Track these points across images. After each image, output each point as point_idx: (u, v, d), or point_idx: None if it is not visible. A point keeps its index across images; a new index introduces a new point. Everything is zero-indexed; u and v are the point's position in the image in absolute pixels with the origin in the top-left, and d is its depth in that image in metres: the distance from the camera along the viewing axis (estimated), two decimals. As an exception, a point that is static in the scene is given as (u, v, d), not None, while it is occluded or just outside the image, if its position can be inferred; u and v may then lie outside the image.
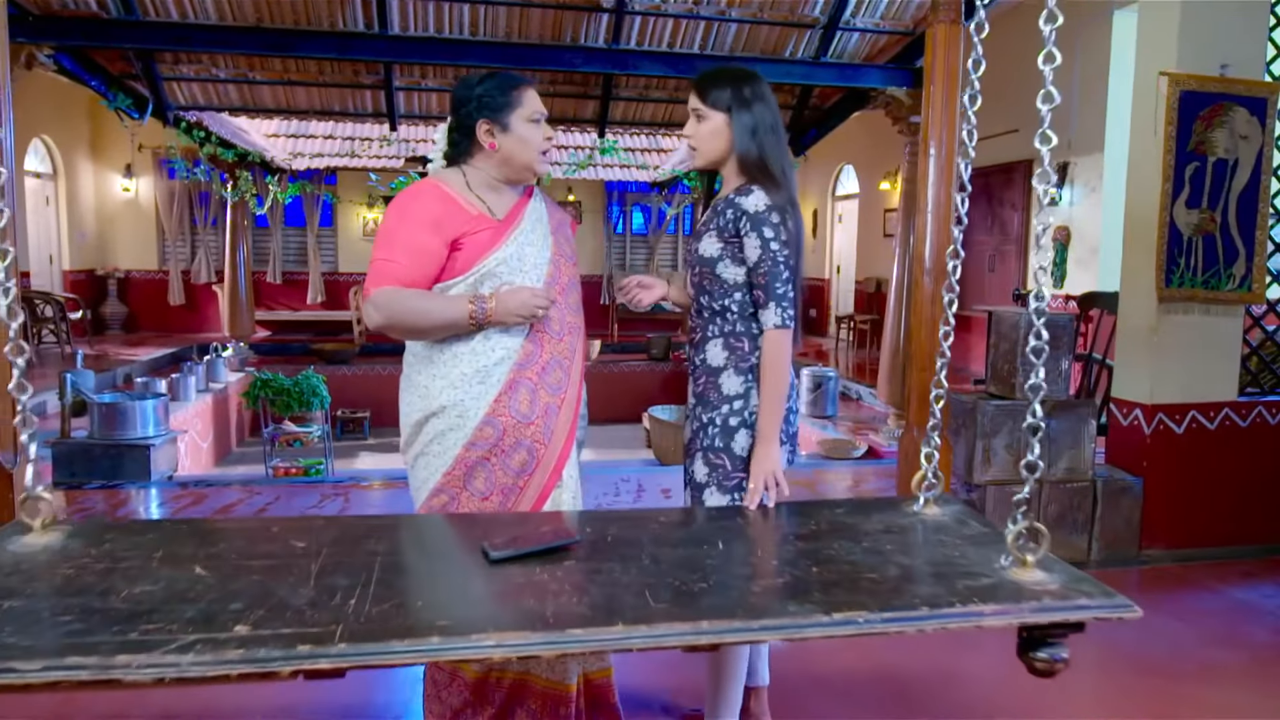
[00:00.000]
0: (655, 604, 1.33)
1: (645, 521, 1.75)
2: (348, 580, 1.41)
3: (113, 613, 1.27)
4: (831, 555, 1.55)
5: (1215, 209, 3.73)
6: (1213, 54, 3.69)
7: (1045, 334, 1.50)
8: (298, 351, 10.85)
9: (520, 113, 2.00)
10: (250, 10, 5.29)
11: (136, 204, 12.11)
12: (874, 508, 1.89)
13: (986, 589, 1.41)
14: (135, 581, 1.39)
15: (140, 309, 12.16)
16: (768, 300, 1.96)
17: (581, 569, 1.46)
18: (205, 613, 1.28)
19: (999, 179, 8.90)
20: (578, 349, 2.10)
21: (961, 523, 1.75)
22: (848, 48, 6.07)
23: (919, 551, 1.61)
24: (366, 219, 12.68)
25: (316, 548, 1.55)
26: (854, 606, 1.34)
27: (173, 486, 4.98)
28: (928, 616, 1.34)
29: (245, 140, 8.94)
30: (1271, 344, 4.07)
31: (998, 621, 1.35)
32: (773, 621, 1.30)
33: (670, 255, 13.65)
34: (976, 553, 1.58)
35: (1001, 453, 3.67)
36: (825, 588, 1.40)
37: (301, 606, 1.31)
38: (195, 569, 1.45)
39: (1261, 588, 3.56)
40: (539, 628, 1.25)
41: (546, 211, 2.14)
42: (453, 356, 1.98)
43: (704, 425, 2.05)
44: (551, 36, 5.73)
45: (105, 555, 1.50)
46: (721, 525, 1.75)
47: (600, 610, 1.31)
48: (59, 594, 1.34)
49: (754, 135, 2.00)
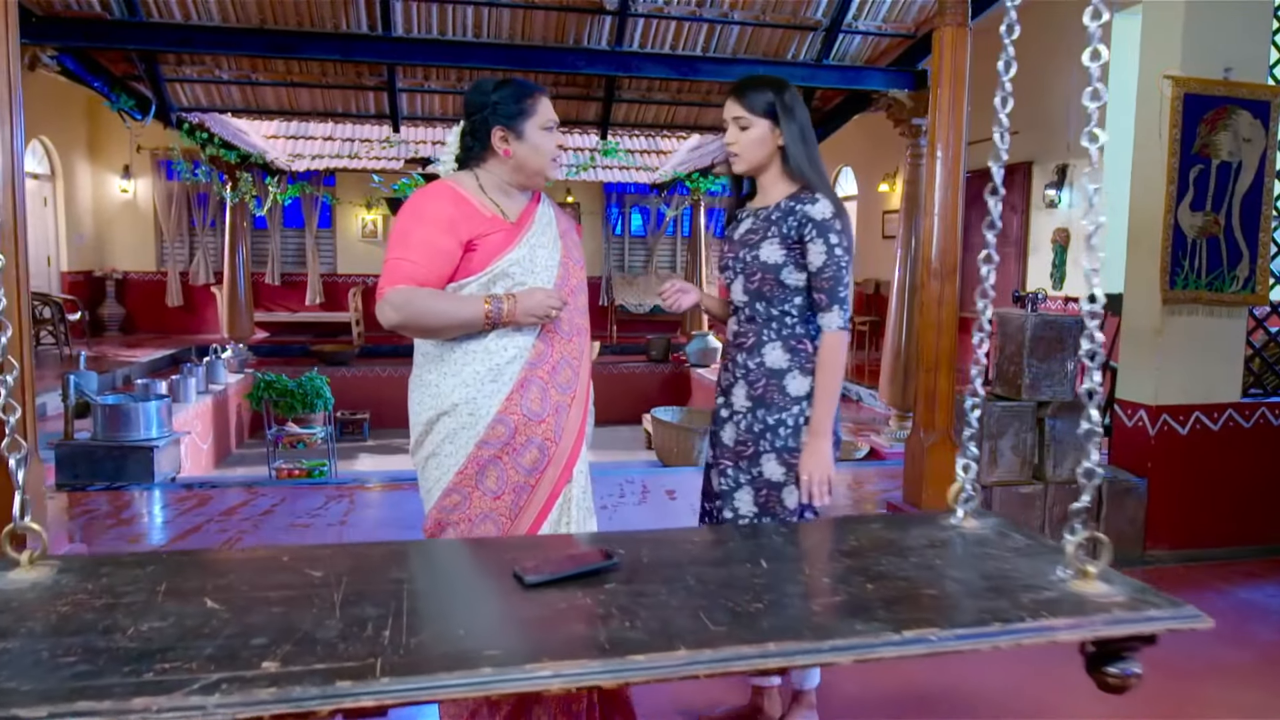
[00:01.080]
0: (714, 626, 1.27)
1: (678, 542, 1.70)
2: (376, 610, 1.32)
3: (121, 652, 1.17)
4: (883, 571, 1.51)
5: (1219, 211, 3.75)
6: (1216, 57, 3.71)
7: (1099, 336, 1.45)
8: (297, 353, 10.84)
9: (535, 121, 2.03)
10: (254, 12, 5.28)
11: (135, 205, 12.09)
12: (911, 522, 1.85)
13: (1051, 602, 1.37)
14: (141, 618, 1.27)
15: (138, 310, 12.14)
16: (831, 304, 2.04)
17: (625, 592, 1.40)
18: (225, 649, 1.18)
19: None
20: (585, 349, 2.13)
21: (1003, 535, 1.72)
22: (850, 50, 6.09)
23: (970, 565, 1.57)
24: (365, 220, 12.68)
25: (334, 577, 1.45)
26: (922, 624, 1.28)
27: (177, 488, 4.97)
28: (1000, 633, 1.29)
29: (244, 141, 8.93)
30: (1275, 345, 4.09)
31: (1071, 636, 1.31)
32: (842, 641, 1.24)
33: (668, 257, 13.65)
34: (1029, 565, 1.54)
35: (1008, 454, 3.69)
36: (887, 605, 1.36)
37: (331, 640, 1.21)
38: (206, 602, 1.33)
39: (1266, 588, 3.58)
40: (596, 655, 1.18)
41: (555, 215, 2.17)
42: (465, 355, 2.00)
43: (771, 427, 2.09)
44: (555, 38, 5.73)
45: (103, 590, 1.38)
46: (759, 544, 1.71)
47: (657, 635, 1.24)
48: (57, 633, 1.22)
49: (802, 142, 2.06)
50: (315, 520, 4.30)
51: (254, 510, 4.44)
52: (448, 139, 2.21)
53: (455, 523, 2.06)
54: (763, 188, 2.16)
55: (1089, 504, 1.45)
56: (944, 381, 3.52)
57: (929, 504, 3.53)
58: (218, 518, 4.30)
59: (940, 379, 3.51)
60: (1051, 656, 2.48)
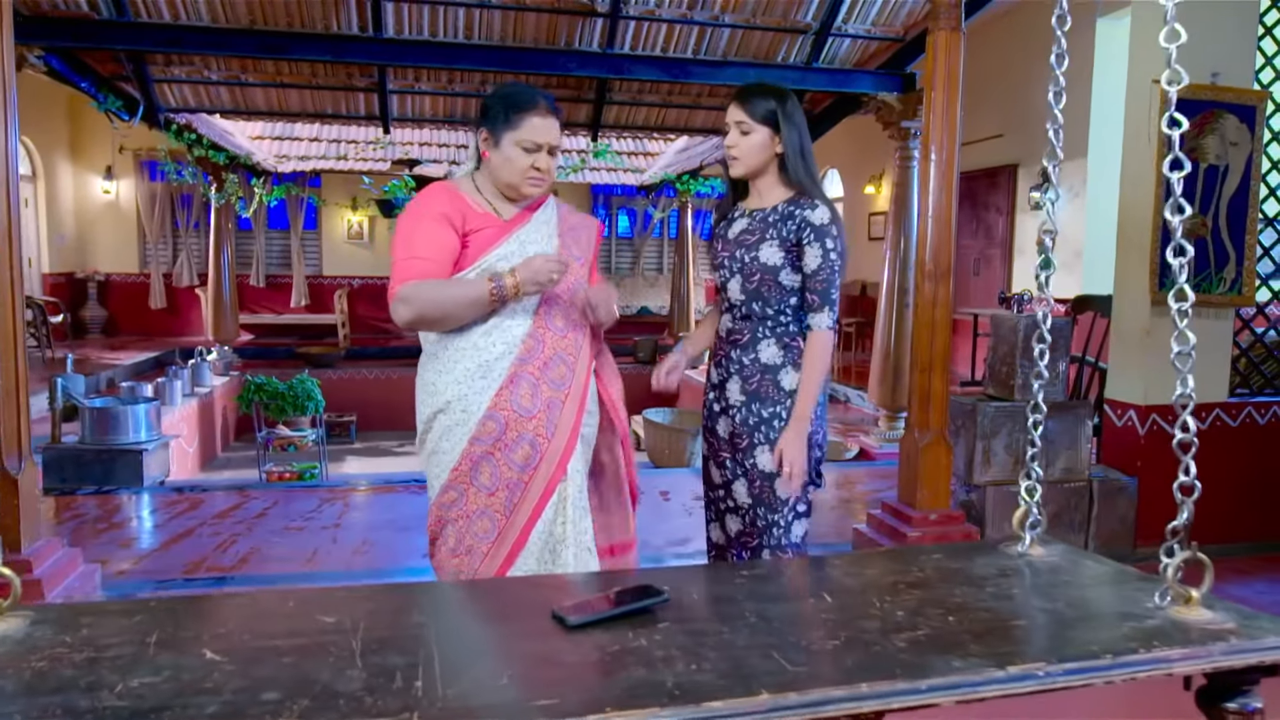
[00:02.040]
0: (793, 667, 1.16)
1: (727, 575, 1.61)
2: (402, 658, 1.18)
3: (108, 712, 1.03)
4: (960, 603, 1.40)
5: (1207, 214, 3.81)
6: (1204, 62, 3.77)
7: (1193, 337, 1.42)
8: (283, 355, 10.78)
9: (513, 135, 2.04)
10: (243, 12, 5.26)
11: (117, 206, 11.98)
12: (973, 551, 1.76)
13: (1157, 631, 1.27)
14: (129, 673, 1.13)
15: (121, 312, 12.03)
16: (822, 305, 2.12)
17: (681, 631, 1.28)
18: (232, 706, 1.05)
19: (983, 183, 9.01)
20: (584, 346, 2.14)
21: (1074, 562, 1.62)
22: (839, 53, 6.13)
23: (1052, 595, 1.47)
24: (351, 222, 12.63)
25: (349, 622, 1.31)
26: (1025, 658, 1.19)
27: (167, 491, 4.93)
28: (1112, 666, 1.20)
29: (230, 142, 8.88)
30: (1260, 346, 4.15)
31: (1189, 667, 1.23)
32: (940, 680, 1.14)
33: (655, 258, 13.68)
34: (1116, 593, 1.45)
35: (1001, 453, 3.73)
36: (977, 639, 1.26)
37: (356, 693, 1.08)
38: (204, 653, 1.19)
39: (1254, 584, 3.64)
40: (665, 702, 1.06)
41: (559, 217, 2.20)
42: (456, 352, 2.03)
43: (765, 420, 2.16)
44: (546, 40, 5.74)
45: (84, 643, 1.23)
46: (816, 576, 1.63)
47: (730, 678, 1.13)
48: (30, 693, 1.08)
49: (800, 150, 2.14)
50: (309, 523, 4.28)
51: (246, 513, 4.41)
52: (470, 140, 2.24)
53: (454, 519, 2.08)
54: (758, 190, 2.24)
55: (1187, 522, 1.39)
56: (938, 382, 3.54)
57: (924, 504, 3.56)
58: (210, 521, 4.27)
59: (935, 379, 3.53)
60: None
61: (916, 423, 3.60)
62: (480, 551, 2.05)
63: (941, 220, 3.53)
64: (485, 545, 2.05)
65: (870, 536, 3.75)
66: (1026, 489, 1.69)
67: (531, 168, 2.05)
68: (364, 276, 12.76)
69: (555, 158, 2.12)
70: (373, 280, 12.77)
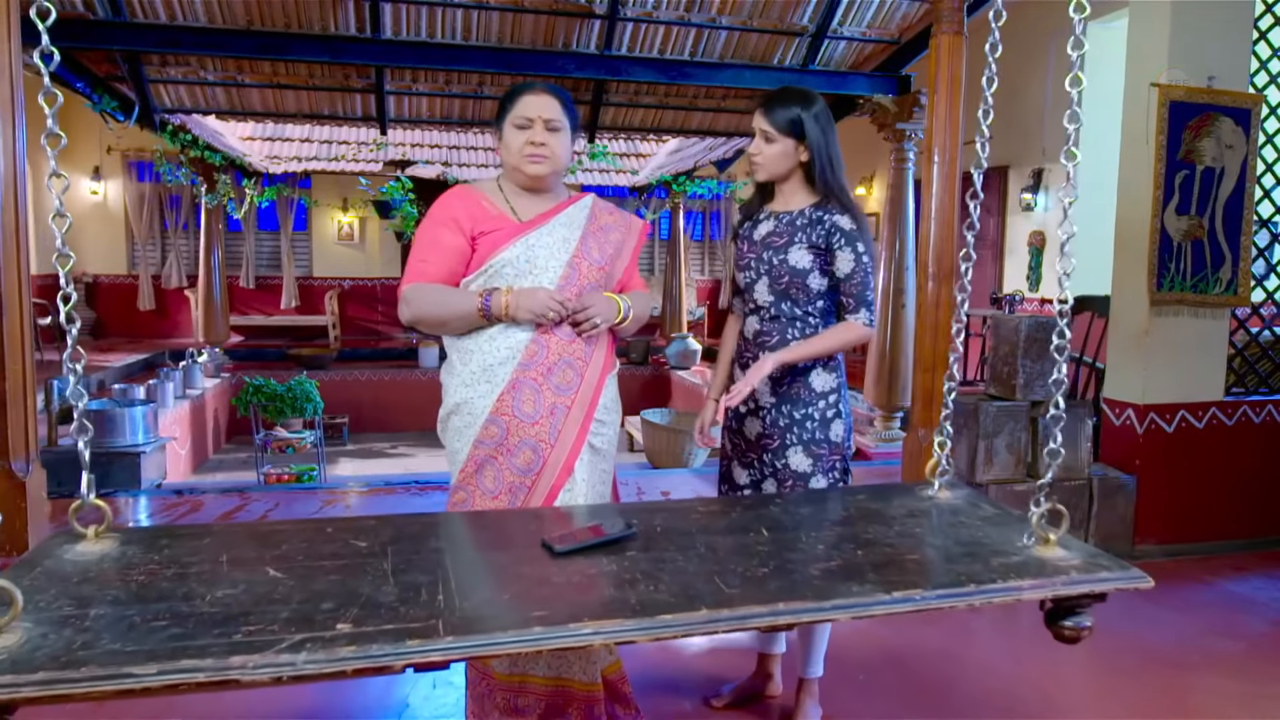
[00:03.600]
0: (729, 589, 1.41)
1: (686, 512, 1.83)
2: (425, 577, 1.44)
3: (206, 617, 1.28)
4: (870, 539, 1.66)
5: (1203, 215, 3.87)
6: (1200, 66, 3.82)
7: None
8: (274, 357, 10.73)
9: (508, 118, 2.08)
10: (240, 13, 5.24)
11: (105, 207, 11.88)
12: (893, 493, 2.00)
13: (1018, 565, 1.52)
14: (213, 586, 1.39)
15: (109, 314, 11.93)
16: (858, 306, 2.16)
17: (646, 559, 1.53)
18: (300, 613, 1.29)
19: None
20: (595, 352, 2.11)
21: (974, 505, 1.86)
22: (835, 56, 6.18)
23: (946, 533, 1.71)
24: (342, 223, 12.57)
25: (379, 547, 1.57)
26: (909, 585, 1.43)
27: (167, 494, 4.91)
28: (975, 592, 1.44)
29: (221, 143, 8.83)
30: (1255, 345, 4.22)
31: (1034, 594, 1.47)
32: (841, 601, 1.39)
33: (646, 260, 13.69)
34: (998, 533, 1.68)
35: (1003, 452, 3.77)
36: (876, 569, 1.50)
37: (393, 604, 1.33)
38: (269, 571, 1.45)
39: (1252, 580, 3.69)
40: (630, 615, 1.31)
41: (591, 216, 2.16)
42: (464, 354, 2.06)
43: (798, 421, 2.20)
44: (544, 42, 5.75)
45: (170, 561, 1.49)
46: (759, 514, 1.82)
47: (680, 597, 1.37)
48: (141, 600, 1.33)
49: (825, 157, 2.16)
50: (312, 525, 4.27)
51: (250, 515, 4.40)
52: None
53: None
54: (783, 193, 2.26)
55: (1052, 480, 1.61)
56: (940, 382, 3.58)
57: (928, 502, 3.60)
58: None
59: (937, 379, 3.58)
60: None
61: (920, 422, 3.65)
62: None
63: (944, 222, 3.58)
64: None
65: (874, 535, 3.79)
66: (939, 443, 1.93)
67: (528, 144, 2.04)
68: (354, 278, 12.71)
69: (559, 136, 2.08)
70: (363, 282, 12.72)
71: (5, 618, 1.21)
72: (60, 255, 1.48)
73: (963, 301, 1.97)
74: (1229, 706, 2.68)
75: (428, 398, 2.14)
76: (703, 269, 13.90)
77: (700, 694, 2.57)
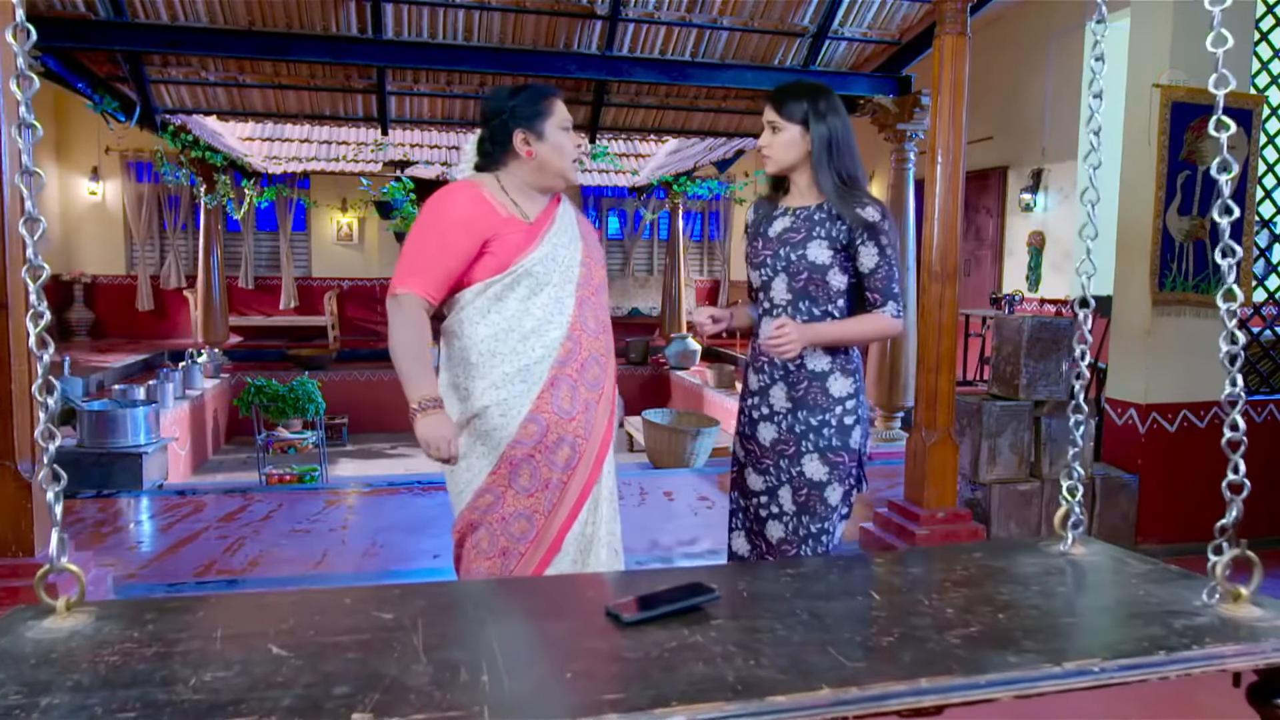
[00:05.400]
0: (850, 663, 1.19)
1: (773, 574, 1.62)
2: (464, 653, 1.22)
3: (186, 705, 1.06)
4: (1009, 601, 1.42)
5: (1205, 216, 3.88)
6: (1202, 67, 3.83)
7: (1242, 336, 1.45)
8: (273, 357, 10.71)
9: (553, 121, 2.10)
10: (242, 13, 5.23)
11: (103, 207, 11.86)
12: (1015, 549, 1.78)
13: (1209, 628, 1.29)
14: (201, 667, 1.16)
15: (107, 315, 11.91)
16: (886, 300, 2.12)
17: (737, 628, 1.30)
18: (306, 700, 1.07)
19: (975, 185, 9.09)
20: (611, 348, 2.20)
21: (1119, 561, 1.64)
22: (836, 56, 6.19)
23: (1100, 593, 1.51)
24: (341, 223, 12.56)
25: (408, 619, 1.34)
26: (1079, 654, 1.22)
27: (169, 494, 4.91)
28: (1166, 662, 1.22)
29: (220, 143, 8.83)
30: (1257, 345, 4.23)
31: (1242, 664, 1.25)
32: (998, 676, 1.16)
33: (645, 260, 13.70)
34: (1164, 591, 1.45)
35: (1006, 452, 3.78)
36: (1030, 635, 1.28)
37: (425, 688, 1.11)
38: (271, 649, 1.22)
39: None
40: (730, 697, 1.08)
41: (576, 217, 2.22)
42: (492, 356, 2.04)
43: (814, 428, 2.12)
44: (545, 43, 5.75)
45: (152, 638, 1.25)
46: (859, 574, 1.63)
47: (789, 673, 1.15)
48: (107, 686, 1.10)
49: (833, 147, 2.10)
50: (315, 525, 4.27)
51: (252, 516, 4.40)
52: (464, 146, 2.26)
53: (489, 522, 2.09)
54: (797, 188, 2.21)
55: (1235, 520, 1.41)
56: (944, 381, 3.59)
57: (931, 503, 3.60)
58: (216, 524, 4.26)
59: (941, 379, 3.58)
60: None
61: (923, 422, 3.64)
62: (517, 553, 2.06)
63: (948, 223, 3.58)
64: (523, 546, 2.06)
65: (878, 535, 3.79)
66: (1068, 489, 1.70)
67: (575, 146, 2.14)
68: (353, 278, 12.70)
69: None
70: (362, 282, 12.71)
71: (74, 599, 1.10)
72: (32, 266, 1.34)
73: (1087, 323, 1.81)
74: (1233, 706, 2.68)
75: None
76: (702, 269, 13.90)
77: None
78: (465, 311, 2.05)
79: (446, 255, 2.01)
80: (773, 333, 2.02)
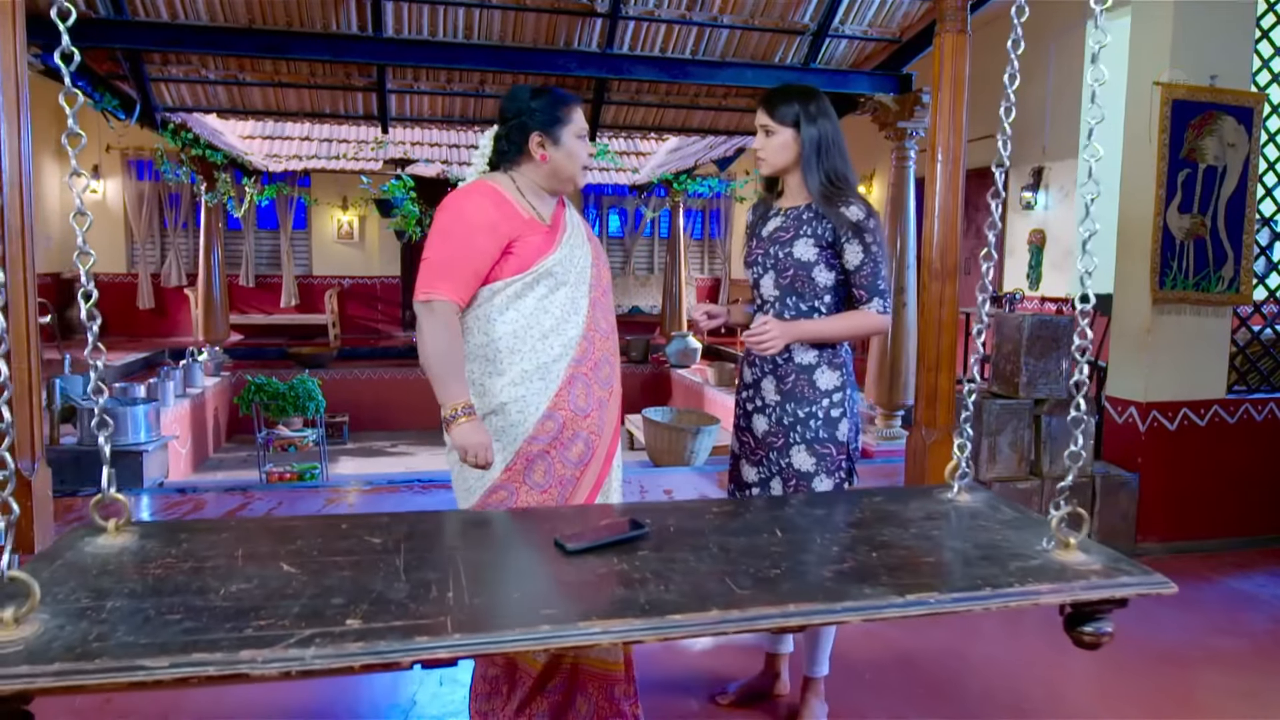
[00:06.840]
0: (739, 590, 1.40)
1: (700, 513, 1.82)
2: (436, 574, 1.45)
3: (219, 610, 1.29)
4: (885, 541, 1.63)
5: (1205, 214, 3.87)
6: (1203, 64, 3.83)
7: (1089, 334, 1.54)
8: (274, 356, 10.72)
9: (571, 129, 2.12)
10: (242, 11, 5.24)
11: (104, 206, 11.87)
12: (910, 495, 1.97)
13: (1037, 569, 1.49)
14: (228, 580, 1.41)
15: (108, 313, 11.82)
16: (871, 296, 2.16)
17: (657, 559, 1.52)
18: (311, 608, 1.30)
19: (973, 183, 9.07)
20: (617, 348, 2.25)
21: (994, 508, 1.83)
22: (836, 54, 6.18)
23: (964, 536, 1.69)
24: (341, 221, 12.56)
25: (393, 543, 1.58)
26: (923, 588, 1.40)
27: (170, 492, 4.91)
28: (991, 596, 1.41)
29: (221, 141, 8.84)
30: (1257, 344, 4.22)
31: (1053, 599, 1.44)
32: (852, 604, 1.37)
33: (646, 258, 13.70)
34: (1017, 536, 1.66)
35: (1006, 450, 3.78)
36: (890, 571, 1.48)
37: (403, 600, 1.34)
38: (282, 566, 1.47)
39: (1255, 577, 3.70)
40: (638, 614, 1.31)
41: (580, 219, 2.26)
42: (511, 354, 2.06)
43: (801, 420, 2.19)
44: (546, 41, 5.75)
45: (187, 555, 1.52)
46: (773, 515, 1.81)
47: (690, 597, 1.37)
48: (157, 594, 1.35)
49: (823, 149, 2.16)
50: (315, 523, 4.27)
51: (253, 513, 4.40)
52: (480, 141, 2.26)
53: None
54: (790, 188, 2.28)
55: (1072, 483, 1.57)
56: (944, 380, 3.60)
57: (931, 500, 3.61)
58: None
59: (941, 378, 3.59)
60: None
61: (924, 420, 3.65)
62: None
63: (948, 220, 3.59)
64: None
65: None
66: (958, 445, 1.90)
67: (588, 155, 2.18)
68: (354, 276, 12.70)
69: None
70: (363, 280, 12.72)
71: (23, 609, 1.22)
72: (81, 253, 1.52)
73: (984, 301, 1.96)
74: (1232, 703, 2.68)
75: (428, 397, 2.12)
76: (702, 267, 13.90)
77: (707, 692, 2.57)
78: (484, 308, 2.06)
79: (474, 258, 2.02)
80: (754, 329, 2.11)
